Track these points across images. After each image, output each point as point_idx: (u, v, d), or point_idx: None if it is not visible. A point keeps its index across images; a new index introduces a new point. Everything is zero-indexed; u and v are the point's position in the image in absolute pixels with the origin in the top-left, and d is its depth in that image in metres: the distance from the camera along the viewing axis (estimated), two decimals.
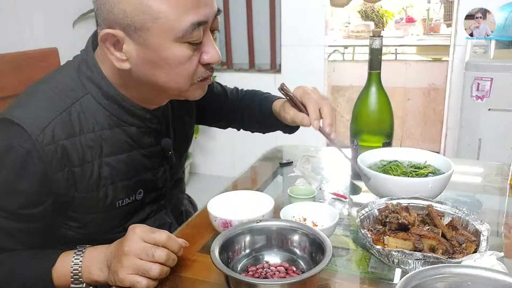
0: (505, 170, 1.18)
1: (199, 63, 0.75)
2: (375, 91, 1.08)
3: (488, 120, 1.96)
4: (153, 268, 0.69)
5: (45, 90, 0.77)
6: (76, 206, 0.79)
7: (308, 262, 0.73)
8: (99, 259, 0.74)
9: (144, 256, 0.69)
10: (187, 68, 0.74)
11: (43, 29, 2.37)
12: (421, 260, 0.70)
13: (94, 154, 0.78)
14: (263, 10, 2.84)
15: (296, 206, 0.89)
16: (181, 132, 0.98)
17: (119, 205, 0.84)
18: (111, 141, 0.80)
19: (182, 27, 0.69)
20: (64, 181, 0.76)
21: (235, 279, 0.63)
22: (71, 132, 0.75)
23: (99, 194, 0.80)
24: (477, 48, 2.06)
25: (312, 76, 2.81)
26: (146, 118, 0.84)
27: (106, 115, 0.79)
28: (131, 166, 0.84)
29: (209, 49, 0.75)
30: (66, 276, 0.75)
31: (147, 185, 0.89)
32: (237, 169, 1.22)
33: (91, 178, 0.79)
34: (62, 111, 0.75)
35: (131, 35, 0.70)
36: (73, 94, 0.77)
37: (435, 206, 0.85)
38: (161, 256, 0.70)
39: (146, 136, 0.85)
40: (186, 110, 1.01)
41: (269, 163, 1.31)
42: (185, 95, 0.80)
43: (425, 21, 4.89)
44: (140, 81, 0.77)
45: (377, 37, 1.05)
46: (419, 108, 3.63)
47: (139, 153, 0.85)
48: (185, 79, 0.75)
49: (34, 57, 1.39)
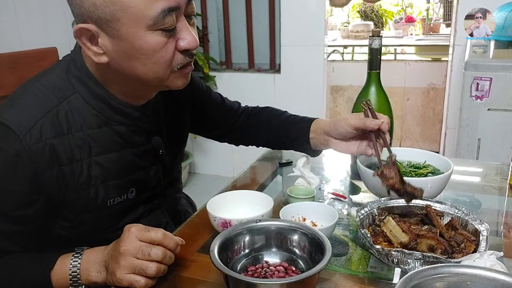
0: (505, 169, 1.18)
1: (176, 50, 0.73)
2: (375, 91, 1.08)
3: (487, 120, 1.96)
4: (150, 266, 0.69)
5: (34, 90, 0.77)
6: (68, 205, 0.79)
7: (307, 262, 0.73)
8: (97, 260, 0.75)
9: (140, 255, 0.69)
10: (163, 56, 0.72)
11: (42, 29, 2.36)
12: (421, 260, 0.70)
13: (83, 153, 0.78)
14: (263, 10, 2.84)
15: (295, 206, 0.89)
16: (175, 132, 0.98)
17: (111, 204, 0.83)
18: (100, 140, 0.80)
19: (152, 14, 0.68)
20: (54, 180, 0.75)
21: (235, 279, 0.63)
22: (59, 131, 0.75)
23: (90, 193, 0.80)
24: (477, 48, 2.06)
25: (312, 76, 2.81)
26: (135, 116, 0.83)
27: (94, 115, 0.79)
28: (122, 165, 0.83)
29: (185, 35, 0.73)
30: (64, 279, 0.75)
31: (139, 184, 0.88)
32: (237, 169, 1.22)
33: (80, 177, 0.78)
34: (50, 110, 0.75)
35: (103, 28, 0.70)
36: (61, 93, 0.77)
37: (435, 206, 0.85)
38: (158, 254, 0.70)
39: (136, 135, 0.85)
40: (181, 111, 1.00)
41: (269, 163, 1.31)
42: (167, 84, 0.78)
43: (424, 21, 4.90)
44: (121, 75, 0.76)
45: (376, 37, 1.05)
46: (418, 108, 3.63)
47: (130, 152, 0.84)
48: (163, 68, 0.74)
49: (32, 56, 1.39)
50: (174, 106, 0.96)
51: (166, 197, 0.98)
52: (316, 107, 2.86)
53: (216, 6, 2.92)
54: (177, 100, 0.97)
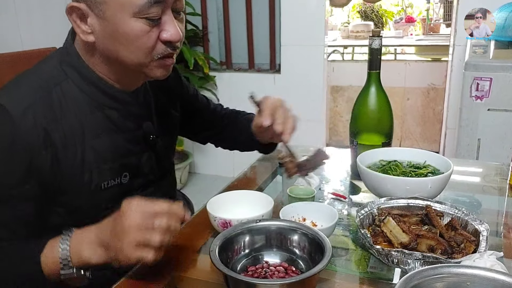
0: (504, 170, 1.18)
1: (159, 40, 0.77)
2: (375, 91, 1.08)
3: (487, 120, 1.96)
4: (156, 237, 0.67)
5: (29, 78, 0.80)
6: (63, 190, 0.80)
7: (307, 262, 0.73)
8: (88, 240, 0.73)
9: (145, 228, 0.67)
10: (145, 43, 0.75)
11: (42, 29, 2.36)
12: (421, 260, 0.70)
13: (77, 138, 0.79)
14: (263, 10, 2.84)
15: (295, 206, 0.89)
16: (166, 122, 0.99)
17: (105, 187, 0.84)
18: (93, 125, 0.82)
19: (138, 3, 0.72)
20: (49, 164, 0.76)
21: (235, 279, 0.63)
22: (52, 116, 0.77)
23: (84, 177, 0.81)
24: (477, 48, 2.05)
25: (312, 76, 2.81)
26: (126, 101, 0.86)
27: (86, 100, 0.81)
28: (115, 149, 0.85)
29: (169, 27, 0.76)
30: (55, 263, 0.73)
31: (132, 169, 0.89)
32: (237, 169, 1.22)
33: (74, 161, 0.79)
34: (43, 95, 0.77)
35: (92, 8, 0.74)
36: (53, 79, 0.80)
37: (435, 206, 0.85)
38: (162, 224, 0.68)
39: (128, 120, 0.87)
40: (171, 104, 1.03)
41: (269, 163, 1.31)
42: (146, 72, 0.80)
43: (424, 21, 4.89)
44: (106, 57, 0.80)
45: (376, 37, 1.05)
46: (418, 108, 3.63)
47: (122, 137, 0.86)
48: (144, 54, 0.77)
49: (33, 56, 1.39)
50: (165, 100, 0.99)
51: (161, 188, 0.98)
52: (316, 107, 2.86)
53: (216, 6, 2.92)
54: (167, 95, 1.00)
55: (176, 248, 0.84)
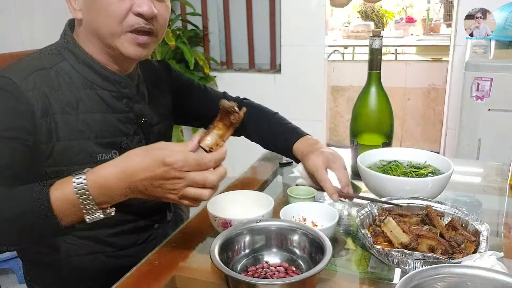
0: (505, 170, 1.18)
1: (131, 12, 0.82)
2: (375, 91, 1.08)
3: (488, 120, 1.96)
4: (210, 176, 0.67)
5: (28, 58, 0.87)
6: (56, 157, 0.81)
7: (307, 262, 0.73)
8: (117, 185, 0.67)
9: (196, 167, 0.66)
10: (115, 11, 0.81)
11: (43, 29, 2.36)
12: (421, 260, 0.70)
13: (72, 108, 0.84)
14: (263, 10, 2.84)
15: (295, 206, 0.89)
16: (158, 110, 1.01)
17: (100, 159, 0.85)
18: (86, 101, 0.86)
19: None
20: (47, 127, 0.79)
21: (235, 279, 0.63)
22: (51, 85, 0.82)
23: (78, 145, 0.83)
24: (477, 48, 2.05)
25: (312, 76, 2.81)
26: (117, 81, 0.90)
27: (81, 79, 0.86)
28: (106, 126, 0.88)
29: (142, 2, 0.81)
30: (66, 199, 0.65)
31: (123, 149, 0.83)
32: (237, 169, 1.22)
33: (70, 128, 0.83)
34: (41, 70, 0.83)
35: None
36: (51, 61, 0.86)
37: (435, 206, 0.85)
38: (210, 164, 0.68)
39: (119, 101, 0.91)
40: (163, 94, 1.06)
41: (269, 163, 1.31)
42: (119, 46, 0.84)
43: (425, 21, 4.90)
44: (90, 32, 0.85)
45: (377, 37, 1.05)
46: (419, 108, 3.63)
47: (114, 117, 0.90)
48: (114, 22, 0.82)
49: None
50: (157, 92, 1.03)
51: None
52: (317, 107, 2.86)
53: (217, 6, 2.92)
54: (158, 86, 1.04)
55: (176, 248, 0.84)
